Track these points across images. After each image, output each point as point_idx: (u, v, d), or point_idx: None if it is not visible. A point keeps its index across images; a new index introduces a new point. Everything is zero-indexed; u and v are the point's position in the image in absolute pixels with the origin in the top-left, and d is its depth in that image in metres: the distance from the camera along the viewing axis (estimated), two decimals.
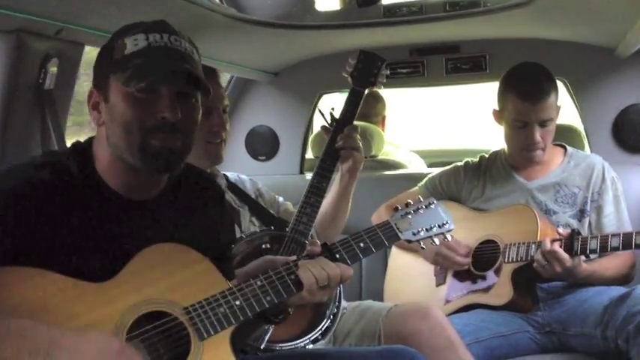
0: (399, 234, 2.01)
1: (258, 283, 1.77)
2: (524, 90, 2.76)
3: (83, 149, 1.77)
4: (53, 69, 2.33)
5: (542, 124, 2.77)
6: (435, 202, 2.11)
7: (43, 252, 1.61)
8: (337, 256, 1.89)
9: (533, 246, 2.67)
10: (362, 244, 1.93)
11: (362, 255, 1.93)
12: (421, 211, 2.07)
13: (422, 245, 2.07)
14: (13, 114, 2.27)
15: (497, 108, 2.92)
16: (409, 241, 2.05)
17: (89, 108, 1.75)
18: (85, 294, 1.62)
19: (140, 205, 1.77)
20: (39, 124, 2.36)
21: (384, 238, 1.98)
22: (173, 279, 1.71)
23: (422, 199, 2.12)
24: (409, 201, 2.10)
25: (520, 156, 2.89)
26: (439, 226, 2.06)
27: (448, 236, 2.10)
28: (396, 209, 2.08)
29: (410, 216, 2.05)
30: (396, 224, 2.01)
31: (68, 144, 2.40)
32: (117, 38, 1.72)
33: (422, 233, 2.04)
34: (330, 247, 1.90)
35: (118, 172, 1.73)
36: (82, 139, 1.82)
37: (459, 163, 3.12)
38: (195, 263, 1.75)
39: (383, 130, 4.31)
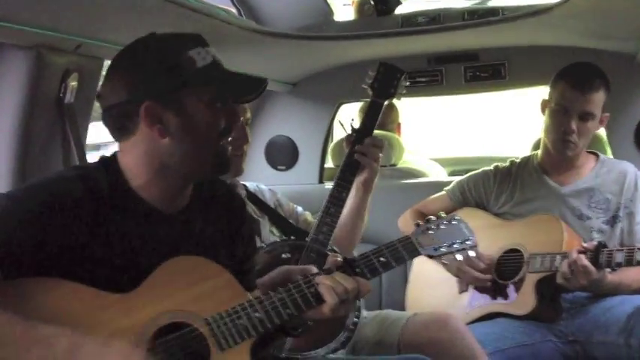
0: (420, 249, 1.98)
1: (278, 295, 1.78)
2: (575, 78, 2.79)
3: (110, 163, 1.78)
4: (73, 83, 2.35)
5: (582, 116, 2.76)
6: (457, 217, 2.08)
7: (73, 263, 1.63)
8: (357, 270, 1.89)
9: (558, 257, 2.64)
10: (382, 259, 1.92)
11: (382, 270, 1.93)
12: (443, 226, 2.04)
13: (443, 260, 2.05)
14: (34, 128, 2.29)
15: (546, 98, 2.91)
16: (430, 257, 2.02)
17: (144, 122, 1.70)
18: (108, 305, 1.64)
19: (169, 217, 1.78)
20: (60, 137, 2.39)
21: (405, 253, 1.96)
22: (194, 291, 1.72)
23: (444, 215, 2.09)
24: (431, 216, 2.08)
25: (554, 149, 2.86)
26: (461, 242, 2.02)
27: (471, 252, 2.06)
28: (417, 225, 2.05)
29: (431, 231, 2.02)
30: (417, 239, 1.99)
31: None
32: (182, 53, 1.70)
33: (443, 249, 2.01)
34: (350, 261, 1.90)
35: (155, 184, 1.74)
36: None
37: (489, 168, 3.10)
38: (217, 275, 1.76)
39: (399, 138, 4.31)
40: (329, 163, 4.07)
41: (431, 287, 3.03)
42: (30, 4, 2.00)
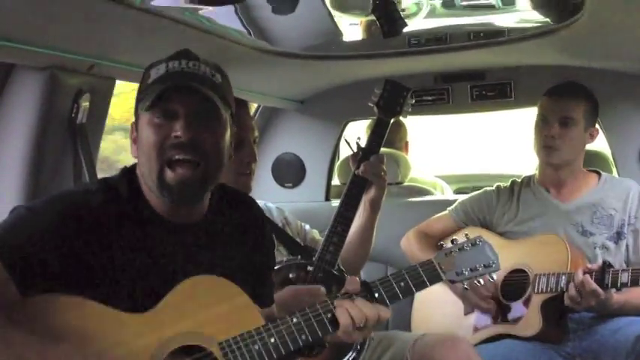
0: (442, 274, 1.93)
1: (294, 320, 1.76)
2: (554, 90, 2.90)
3: (130, 173, 1.80)
4: (85, 104, 2.38)
5: (562, 121, 2.81)
6: (481, 239, 2.02)
7: (90, 275, 1.65)
8: (376, 295, 1.85)
9: (563, 277, 2.64)
10: (402, 284, 1.87)
11: (402, 295, 1.88)
12: (467, 249, 1.99)
13: (465, 286, 2.01)
14: (46, 147, 2.31)
15: None
16: (452, 282, 1.98)
17: (131, 142, 1.79)
18: (124, 325, 1.65)
19: (184, 229, 1.79)
20: (71, 157, 2.41)
21: (426, 278, 1.91)
22: (210, 313, 1.72)
23: (469, 237, 2.04)
24: (455, 238, 2.04)
25: (540, 158, 2.90)
26: (485, 266, 1.98)
27: (494, 276, 2.03)
28: (440, 247, 2.02)
29: (454, 254, 1.97)
30: (439, 263, 1.94)
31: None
32: (145, 72, 1.78)
33: (466, 273, 1.96)
34: (370, 285, 1.86)
35: (157, 197, 1.75)
36: None
37: (490, 188, 3.11)
38: (234, 297, 1.76)
39: (406, 156, 4.33)
40: (335, 181, 4.08)
41: (437, 307, 3.03)
42: (44, 25, 2.02)
